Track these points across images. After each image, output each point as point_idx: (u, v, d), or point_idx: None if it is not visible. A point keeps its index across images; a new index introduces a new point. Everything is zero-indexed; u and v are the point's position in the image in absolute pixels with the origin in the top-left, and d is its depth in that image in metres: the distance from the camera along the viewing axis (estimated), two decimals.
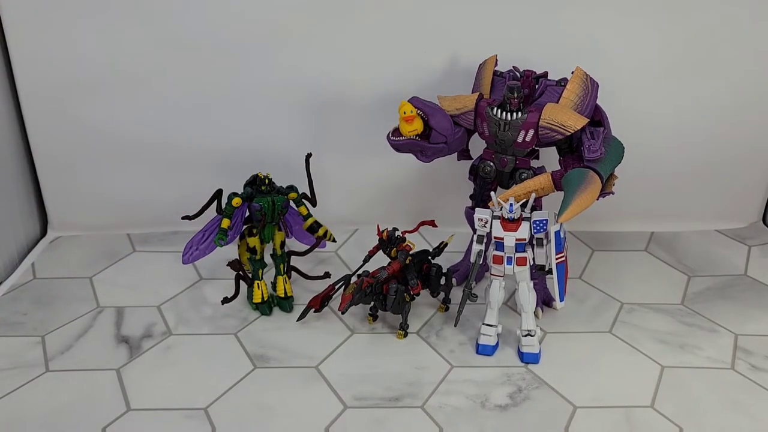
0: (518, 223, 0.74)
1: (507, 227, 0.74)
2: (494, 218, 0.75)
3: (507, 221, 0.74)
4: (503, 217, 0.75)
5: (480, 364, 0.78)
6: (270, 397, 0.73)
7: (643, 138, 0.90)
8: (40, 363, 0.78)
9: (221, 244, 0.83)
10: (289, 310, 0.87)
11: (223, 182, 0.86)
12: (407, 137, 0.79)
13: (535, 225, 0.74)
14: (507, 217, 0.74)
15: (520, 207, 0.75)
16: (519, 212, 0.74)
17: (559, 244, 0.74)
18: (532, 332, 0.78)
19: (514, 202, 0.74)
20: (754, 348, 0.80)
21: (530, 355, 0.78)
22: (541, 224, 0.74)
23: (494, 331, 0.80)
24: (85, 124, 0.98)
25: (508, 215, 0.74)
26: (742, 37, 0.93)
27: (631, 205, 1.01)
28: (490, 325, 0.80)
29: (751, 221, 1.06)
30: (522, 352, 0.78)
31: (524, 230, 0.74)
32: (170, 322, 0.85)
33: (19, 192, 1.01)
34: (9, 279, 0.95)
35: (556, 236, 0.74)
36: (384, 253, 0.84)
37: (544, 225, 0.74)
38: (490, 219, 0.75)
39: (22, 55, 0.94)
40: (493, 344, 0.80)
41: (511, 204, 0.74)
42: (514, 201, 0.74)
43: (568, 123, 0.75)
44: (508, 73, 0.82)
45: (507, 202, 0.74)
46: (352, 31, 0.93)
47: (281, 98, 0.97)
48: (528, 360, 0.78)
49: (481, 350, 0.80)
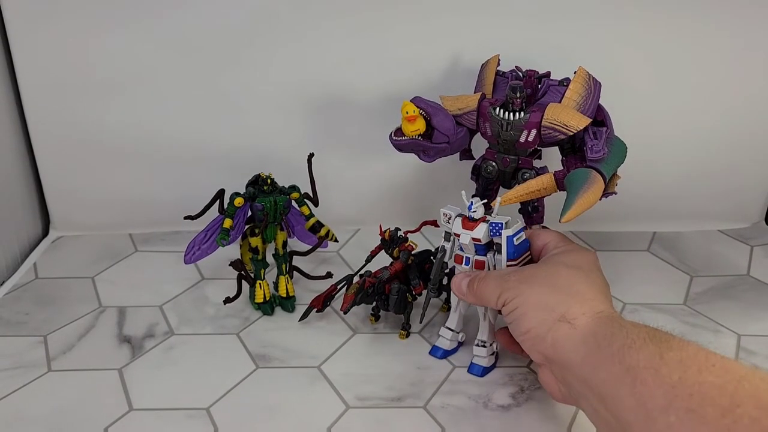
0: (477, 223, 0.72)
1: (466, 225, 0.73)
2: (458, 216, 0.74)
3: (468, 220, 0.73)
4: (465, 216, 0.73)
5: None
6: (272, 396, 0.73)
7: (645, 138, 0.90)
8: (42, 363, 0.78)
9: (223, 244, 0.83)
10: (291, 310, 0.87)
11: (225, 182, 0.86)
12: (410, 137, 0.79)
13: (491, 227, 0.72)
14: (467, 216, 0.73)
15: (482, 207, 0.73)
16: (481, 212, 0.73)
17: (512, 250, 0.72)
18: (486, 344, 0.76)
19: (475, 201, 0.73)
20: (757, 348, 0.80)
21: (475, 366, 0.76)
22: (495, 227, 0.71)
23: (452, 336, 0.78)
24: (87, 124, 0.98)
25: (469, 214, 0.73)
26: (746, 36, 0.93)
27: (634, 205, 1.01)
28: (449, 328, 0.79)
29: (754, 221, 1.06)
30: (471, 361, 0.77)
31: (480, 230, 0.72)
32: (172, 322, 0.85)
33: (22, 192, 1.01)
34: (11, 279, 0.95)
35: (508, 241, 0.71)
36: (386, 253, 0.84)
37: (498, 228, 0.71)
38: (453, 216, 0.74)
39: (24, 55, 0.94)
40: (447, 348, 0.79)
41: (471, 203, 0.73)
42: (475, 201, 0.73)
43: (571, 123, 0.75)
44: (510, 73, 0.82)
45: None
46: (353, 31, 0.93)
47: (283, 98, 0.97)
48: (471, 371, 0.76)
49: (431, 351, 0.79)
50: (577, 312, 0.63)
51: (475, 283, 0.72)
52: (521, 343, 0.68)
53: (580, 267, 0.69)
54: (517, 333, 0.67)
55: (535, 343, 0.65)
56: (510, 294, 0.67)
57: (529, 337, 0.65)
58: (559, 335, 0.62)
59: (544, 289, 0.66)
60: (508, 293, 0.68)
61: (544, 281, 0.67)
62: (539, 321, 0.64)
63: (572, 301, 0.64)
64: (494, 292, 0.69)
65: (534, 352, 0.66)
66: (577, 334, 0.61)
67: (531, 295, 0.66)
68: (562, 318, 0.63)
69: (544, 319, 0.64)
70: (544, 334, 0.63)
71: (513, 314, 0.67)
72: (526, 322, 0.65)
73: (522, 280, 0.68)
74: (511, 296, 0.67)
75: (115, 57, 0.94)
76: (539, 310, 0.65)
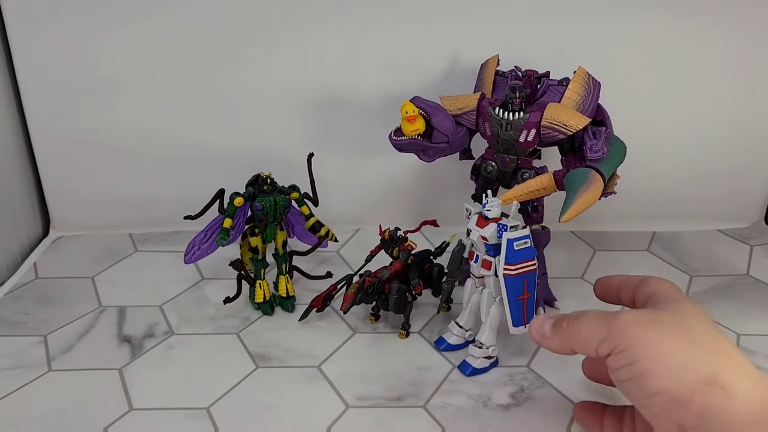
0: (489, 222, 0.72)
1: (480, 223, 0.73)
2: (477, 213, 0.74)
3: (483, 218, 0.73)
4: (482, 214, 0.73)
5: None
6: (272, 396, 0.73)
7: (645, 138, 0.90)
8: (42, 363, 0.78)
9: (223, 244, 0.83)
10: (290, 310, 0.87)
11: (225, 182, 0.86)
12: (409, 137, 0.79)
13: (498, 228, 0.71)
14: (483, 214, 0.73)
15: (498, 207, 0.72)
16: (496, 212, 0.72)
17: (511, 254, 0.70)
18: (482, 346, 0.75)
19: (491, 201, 0.72)
20: (756, 348, 0.80)
21: (465, 364, 0.76)
22: (501, 228, 0.71)
23: (459, 332, 0.79)
24: (87, 124, 0.98)
25: (484, 212, 0.73)
26: (746, 36, 0.93)
27: (633, 205, 1.01)
28: (458, 324, 0.79)
29: (753, 221, 1.06)
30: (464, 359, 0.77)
31: (489, 229, 0.72)
32: (172, 322, 0.85)
33: (22, 192, 1.02)
34: (11, 278, 0.95)
35: (507, 244, 0.70)
36: (386, 252, 0.84)
37: (502, 229, 0.71)
38: (473, 212, 0.74)
39: (24, 55, 0.94)
40: (452, 342, 0.79)
41: (487, 201, 0.73)
42: (491, 200, 0.72)
43: (570, 123, 0.75)
44: (510, 73, 0.82)
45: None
46: (353, 31, 0.93)
47: (283, 98, 0.97)
48: (459, 367, 0.76)
49: (436, 341, 0.80)
50: (729, 375, 0.50)
51: (566, 322, 0.58)
52: (646, 406, 0.53)
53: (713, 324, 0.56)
54: (641, 393, 0.52)
55: (673, 408, 0.50)
56: (622, 339, 0.53)
57: (663, 400, 0.51)
58: (712, 402, 0.49)
59: (680, 343, 0.52)
60: (619, 338, 0.53)
61: (678, 332, 0.53)
62: (678, 383, 0.50)
63: (719, 361, 0.51)
64: (597, 334, 0.54)
65: (665, 419, 0.51)
66: (735, 402, 0.49)
67: (661, 348, 0.51)
68: (711, 381, 0.49)
69: (685, 380, 0.50)
70: (687, 399, 0.50)
71: (633, 368, 0.52)
72: (657, 382, 0.51)
73: (641, 324, 0.53)
74: (625, 343, 0.53)
75: (115, 57, 0.94)
76: (676, 368, 0.50)
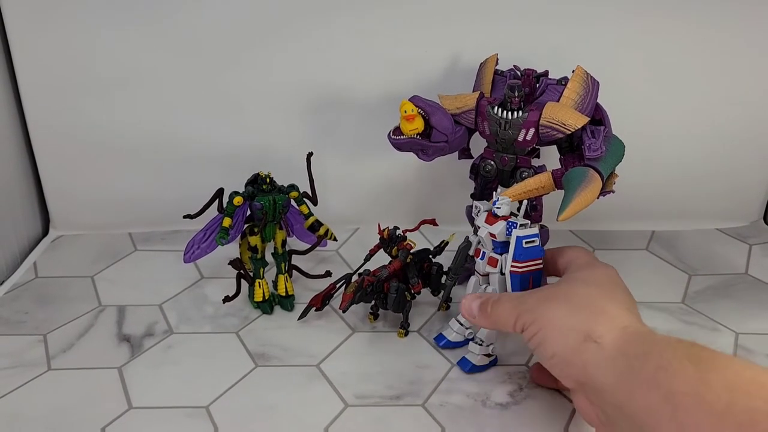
0: (498, 220, 0.73)
1: (489, 220, 0.73)
2: (486, 210, 0.75)
3: (492, 215, 0.73)
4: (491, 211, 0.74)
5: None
6: (271, 395, 0.73)
7: (643, 137, 0.90)
8: (41, 362, 0.78)
9: (223, 243, 0.83)
10: (290, 309, 0.87)
11: (225, 181, 0.86)
12: (408, 136, 0.79)
13: (508, 225, 0.72)
14: (492, 212, 0.73)
15: (508, 205, 0.72)
16: (506, 210, 0.73)
17: (520, 251, 0.71)
18: (482, 342, 0.75)
19: (501, 198, 0.73)
20: (754, 347, 0.80)
21: (464, 361, 0.76)
22: (510, 226, 0.71)
23: (460, 329, 0.79)
24: (86, 124, 0.98)
25: (493, 209, 0.73)
26: (744, 35, 0.93)
27: (632, 204, 1.01)
28: (459, 322, 0.79)
29: (752, 220, 1.06)
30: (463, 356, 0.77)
31: (498, 227, 0.72)
32: (171, 321, 0.85)
33: (21, 191, 1.02)
34: (11, 278, 0.95)
35: (516, 241, 0.70)
36: (385, 251, 0.84)
37: (512, 227, 0.71)
38: (482, 209, 0.75)
39: (24, 55, 0.94)
40: (451, 339, 0.79)
41: (497, 199, 0.73)
42: (502, 198, 0.73)
43: (569, 122, 0.75)
44: (508, 72, 0.82)
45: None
46: (353, 31, 0.93)
47: (282, 97, 0.97)
48: (459, 363, 0.76)
49: (436, 338, 0.80)
50: (602, 330, 0.58)
51: (489, 306, 0.68)
52: (549, 369, 0.63)
53: (600, 283, 0.65)
54: (543, 359, 0.63)
55: (564, 368, 0.61)
56: (528, 317, 0.63)
57: (556, 362, 0.61)
58: (588, 357, 0.58)
59: (564, 309, 0.62)
60: (526, 316, 0.63)
61: (564, 300, 0.63)
62: (564, 344, 0.60)
63: (595, 318, 0.60)
64: (511, 315, 0.65)
65: (565, 377, 0.61)
66: (605, 354, 0.57)
67: (551, 317, 0.62)
68: (587, 338, 0.58)
69: (569, 341, 0.59)
70: (572, 358, 0.59)
71: (535, 339, 0.62)
72: (550, 347, 0.61)
73: (540, 301, 0.64)
74: (530, 319, 0.63)
75: (115, 57, 0.94)
76: (562, 331, 0.60)
